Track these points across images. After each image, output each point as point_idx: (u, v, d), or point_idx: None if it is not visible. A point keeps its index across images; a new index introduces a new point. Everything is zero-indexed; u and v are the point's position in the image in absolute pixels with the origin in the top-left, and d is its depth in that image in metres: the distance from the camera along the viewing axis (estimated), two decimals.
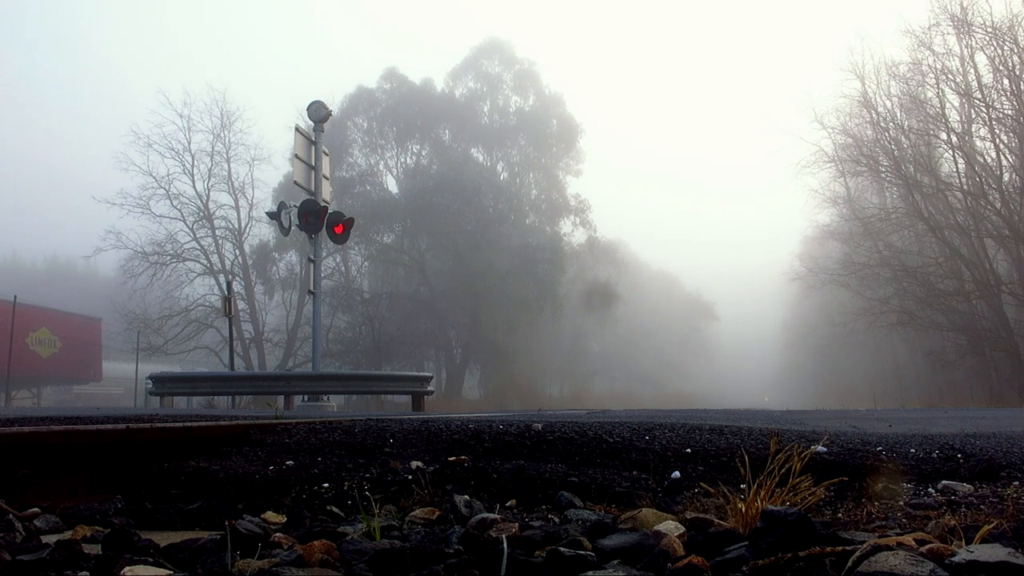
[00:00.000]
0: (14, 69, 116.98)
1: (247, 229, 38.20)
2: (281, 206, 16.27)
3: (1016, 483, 2.62)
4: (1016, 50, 26.30)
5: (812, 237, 42.88)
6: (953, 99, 29.19)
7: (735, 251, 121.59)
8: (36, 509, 2.27)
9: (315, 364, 15.99)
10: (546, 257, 40.19)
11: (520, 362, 40.68)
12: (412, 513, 2.28)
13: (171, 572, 1.43)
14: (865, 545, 1.30)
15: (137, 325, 33.37)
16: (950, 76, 28.62)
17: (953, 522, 1.77)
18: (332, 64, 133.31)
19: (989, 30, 26.57)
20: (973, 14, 26.89)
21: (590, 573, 1.33)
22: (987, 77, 27.90)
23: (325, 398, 15.22)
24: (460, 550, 1.53)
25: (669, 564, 1.39)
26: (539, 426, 3.65)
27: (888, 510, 2.20)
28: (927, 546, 1.33)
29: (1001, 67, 26.87)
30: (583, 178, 49.48)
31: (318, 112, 16.33)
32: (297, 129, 15.97)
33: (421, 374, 16.79)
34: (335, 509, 2.47)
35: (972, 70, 28.39)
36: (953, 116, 29.42)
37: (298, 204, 15.55)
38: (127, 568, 1.41)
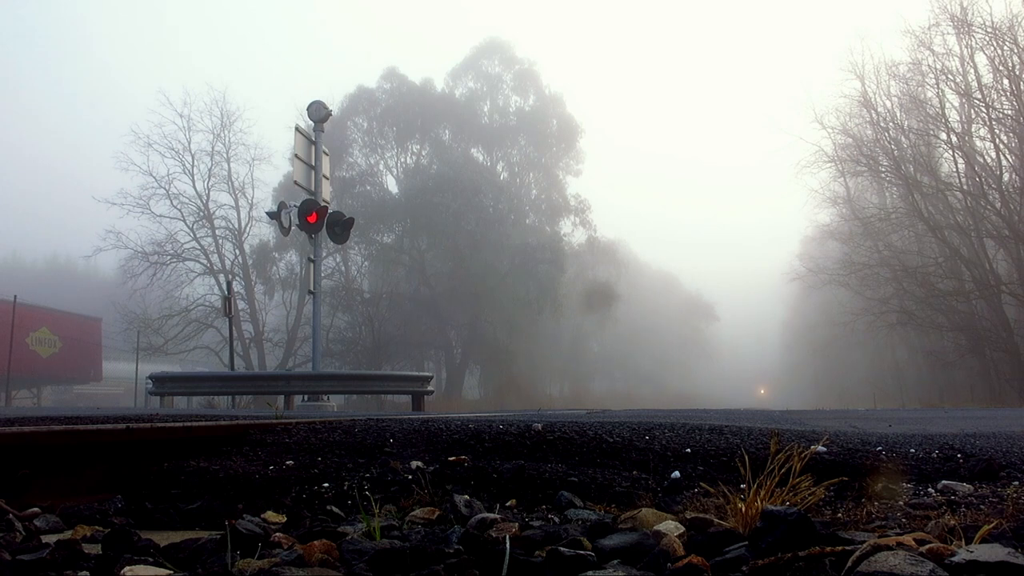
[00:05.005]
0: (14, 69, 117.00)
1: (247, 229, 38.28)
2: (281, 206, 16.25)
3: (1016, 483, 2.62)
4: (1016, 50, 26.33)
5: (812, 237, 42.92)
6: (953, 99, 29.24)
7: (735, 251, 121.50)
8: (36, 509, 2.27)
9: (315, 364, 15.99)
10: (546, 257, 40.18)
11: (520, 362, 40.67)
12: (412, 513, 2.28)
13: (171, 572, 1.43)
14: (865, 545, 1.30)
15: (137, 325, 33.40)
16: (950, 76, 28.66)
17: (953, 522, 1.77)
18: (332, 64, 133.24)
19: (989, 30, 26.60)
20: (973, 14, 26.94)
21: (590, 573, 1.33)
22: (987, 77, 27.95)
23: (325, 398, 15.21)
24: (460, 550, 1.53)
25: (669, 564, 1.39)
26: (539, 426, 3.65)
27: (888, 510, 2.20)
28: (927, 546, 1.33)
29: (1001, 67, 26.90)
30: (583, 178, 49.54)
31: (318, 112, 16.33)
32: (297, 129, 15.98)
33: (421, 374, 16.79)
34: (335, 509, 2.47)
35: (972, 70, 28.44)
36: (953, 116, 29.47)
37: (298, 204, 15.55)
38: (127, 568, 1.41)
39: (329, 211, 16.03)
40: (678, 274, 71.72)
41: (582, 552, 1.43)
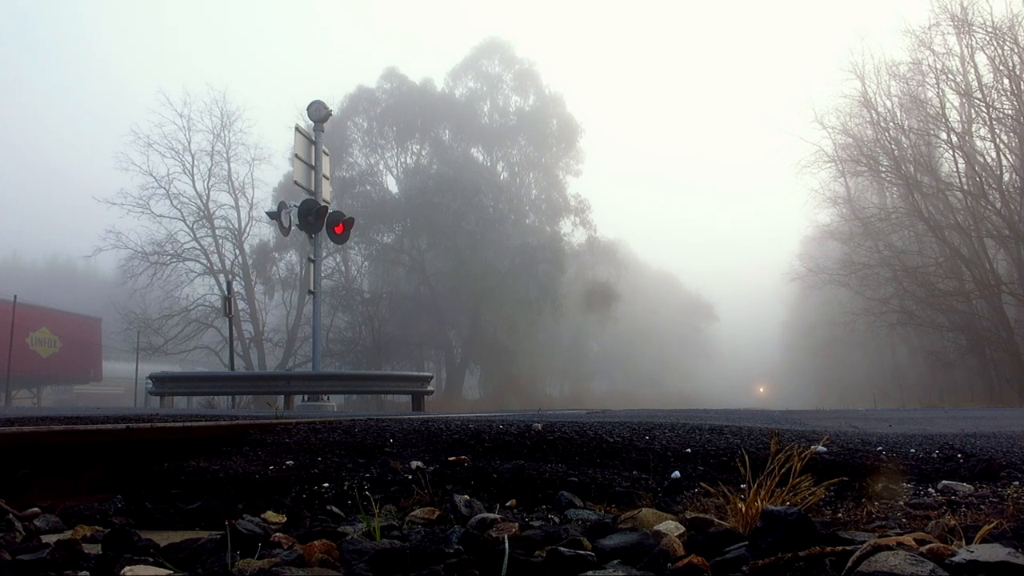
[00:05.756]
0: (15, 69, 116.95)
1: (247, 229, 38.28)
2: (281, 206, 16.25)
3: (1016, 483, 2.62)
4: (1016, 50, 26.33)
5: (812, 237, 42.97)
6: (953, 99, 29.25)
7: (735, 251, 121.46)
8: (36, 509, 2.27)
9: (315, 364, 15.99)
10: (546, 257, 40.19)
11: (520, 362, 40.66)
12: (412, 513, 2.28)
13: (171, 572, 1.43)
14: (865, 545, 1.30)
15: (137, 325, 33.40)
16: (950, 76, 28.67)
17: (953, 522, 1.77)
18: (332, 64, 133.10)
19: (989, 30, 26.60)
20: (973, 14, 26.95)
21: (590, 573, 1.33)
22: (987, 77, 27.96)
23: (325, 398, 15.21)
24: (460, 550, 1.53)
25: (669, 564, 1.39)
26: (539, 426, 3.65)
27: (888, 510, 2.20)
28: (927, 546, 1.33)
29: (1001, 67, 26.90)
30: (583, 178, 49.57)
31: (318, 112, 16.33)
32: (297, 129, 15.97)
33: (421, 374, 16.79)
34: (335, 509, 2.47)
35: (972, 70, 28.45)
36: (953, 116, 29.47)
37: (298, 204, 15.55)
38: (127, 568, 1.41)
39: (329, 211, 16.03)
40: (678, 274, 71.80)
41: (582, 552, 1.43)
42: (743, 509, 1.83)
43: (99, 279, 47.17)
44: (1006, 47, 26.51)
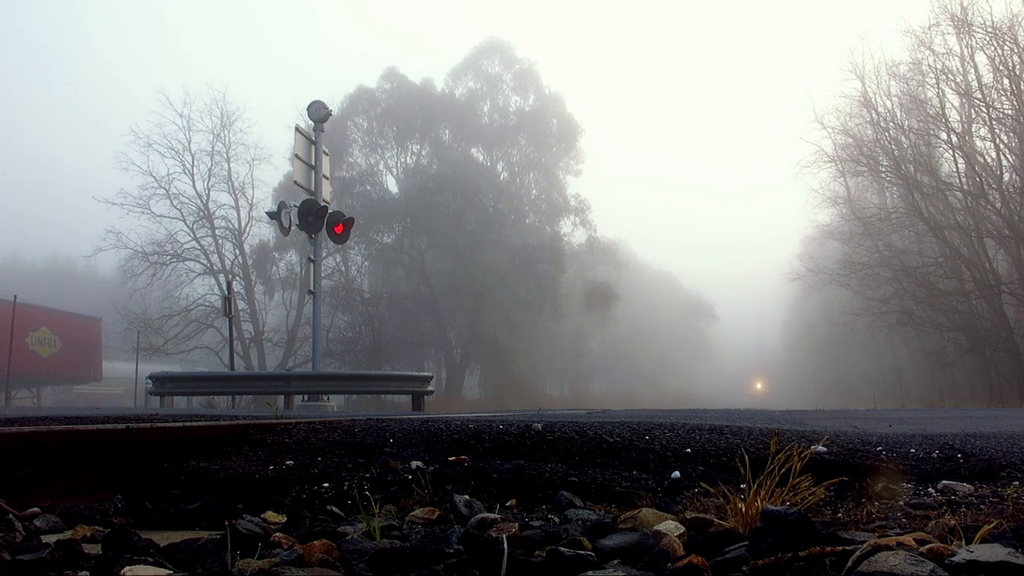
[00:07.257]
0: (14, 68, 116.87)
1: (247, 229, 38.29)
2: (281, 206, 16.26)
3: (1016, 483, 2.62)
4: (1016, 50, 26.33)
5: (812, 237, 42.99)
6: (953, 99, 29.26)
7: (735, 251, 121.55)
8: (36, 509, 2.27)
9: (315, 364, 15.99)
10: (546, 257, 40.19)
11: (520, 362, 40.67)
12: (412, 513, 2.28)
13: (171, 572, 1.43)
14: (865, 545, 1.30)
15: (137, 325, 33.40)
16: (950, 76, 28.68)
17: (953, 522, 1.77)
18: (332, 64, 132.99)
19: (989, 30, 26.61)
20: (973, 14, 26.97)
21: (590, 573, 1.33)
22: (987, 77, 27.97)
23: (325, 398, 15.21)
24: (460, 550, 1.53)
25: (669, 564, 1.39)
26: (539, 426, 3.65)
27: (888, 510, 2.20)
28: (927, 546, 1.33)
29: (1001, 67, 26.91)
30: (583, 178, 49.64)
31: (318, 112, 16.34)
32: (297, 129, 15.98)
33: (421, 374, 16.78)
34: (335, 509, 2.47)
35: (972, 70, 28.46)
36: (953, 116, 29.48)
37: (298, 204, 15.55)
38: (127, 568, 1.41)
39: (329, 211, 16.03)
40: (678, 274, 71.82)
41: (582, 552, 1.43)
42: (743, 509, 1.83)
43: (99, 279, 47.17)
44: (1006, 47, 26.55)
